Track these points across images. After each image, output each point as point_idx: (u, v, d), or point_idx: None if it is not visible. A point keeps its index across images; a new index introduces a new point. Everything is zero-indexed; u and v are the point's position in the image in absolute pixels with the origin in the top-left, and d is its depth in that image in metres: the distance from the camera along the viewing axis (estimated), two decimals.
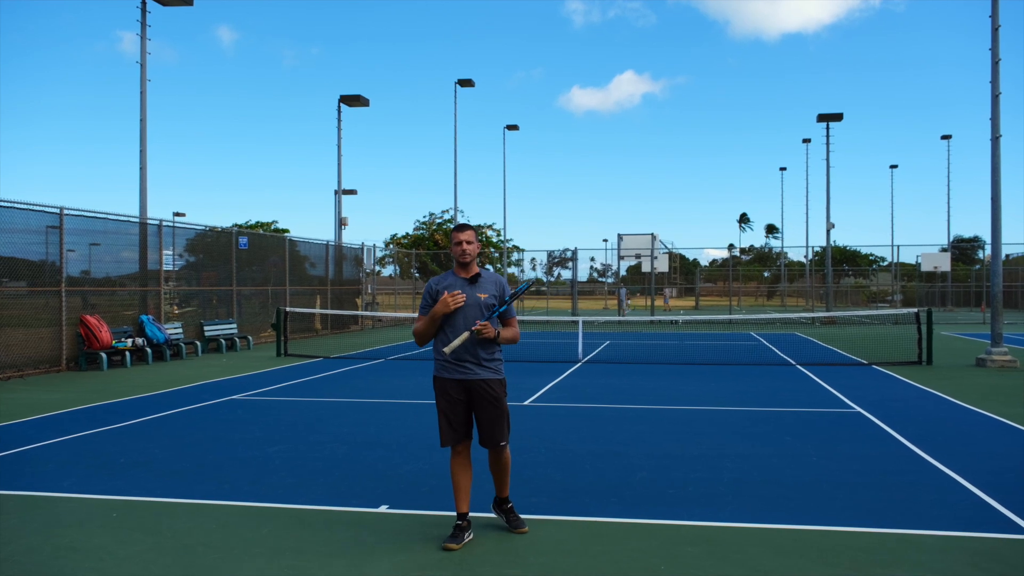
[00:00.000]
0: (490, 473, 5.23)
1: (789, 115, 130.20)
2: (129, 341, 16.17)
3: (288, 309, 20.00)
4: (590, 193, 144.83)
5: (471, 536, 5.01)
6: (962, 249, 62.71)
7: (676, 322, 31.43)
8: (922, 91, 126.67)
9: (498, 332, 4.99)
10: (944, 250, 42.97)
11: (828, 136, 34.72)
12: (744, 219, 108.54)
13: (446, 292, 4.94)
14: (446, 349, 4.89)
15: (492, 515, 5.44)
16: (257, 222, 57.62)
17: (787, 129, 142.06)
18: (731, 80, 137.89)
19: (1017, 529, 5.23)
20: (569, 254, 35.87)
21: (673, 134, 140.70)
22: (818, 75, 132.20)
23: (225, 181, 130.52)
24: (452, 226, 42.79)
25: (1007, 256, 49.46)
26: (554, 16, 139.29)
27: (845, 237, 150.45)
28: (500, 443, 5.04)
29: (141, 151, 19.44)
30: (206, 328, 19.46)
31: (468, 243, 5.03)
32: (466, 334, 4.86)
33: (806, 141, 55.86)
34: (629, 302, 38.49)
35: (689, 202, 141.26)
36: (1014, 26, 30.23)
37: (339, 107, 30.50)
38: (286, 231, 51.83)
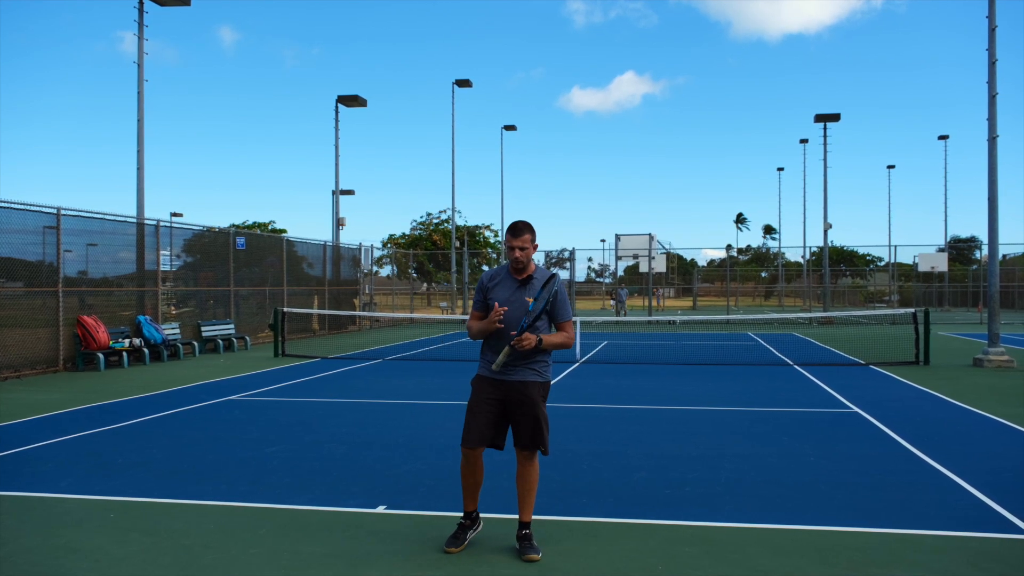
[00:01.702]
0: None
1: (788, 115, 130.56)
2: (126, 341, 16.15)
3: (286, 309, 19.98)
4: (588, 193, 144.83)
5: (478, 530, 4.96)
6: (959, 249, 62.82)
7: (674, 322, 31.45)
8: (919, 91, 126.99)
9: (540, 339, 4.66)
10: (941, 250, 43.11)
11: (825, 136, 34.79)
12: (740, 219, 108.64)
13: (495, 304, 4.72)
14: (494, 366, 4.73)
15: (491, 515, 5.44)
16: (254, 222, 57.66)
17: (785, 129, 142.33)
18: (731, 81, 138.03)
19: (1015, 529, 5.24)
20: (567, 254, 35.89)
21: (672, 134, 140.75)
22: (817, 76, 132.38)
23: (222, 181, 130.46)
24: (451, 227, 42.98)
25: (1004, 256, 49.56)
26: (555, 16, 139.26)
27: (842, 237, 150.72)
28: (540, 447, 4.76)
29: (138, 151, 19.45)
30: (203, 328, 19.44)
31: (522, 250, 4.73)
32: (507, 349, 4.66)
33: (803, 141, 55.94)
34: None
35: (687, 202, 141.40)
36: (1011, 27, 30.33)
37: (336, 107, 30.50)
38: (283, 231, 51.82)
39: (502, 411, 4.82)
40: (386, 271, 56.11)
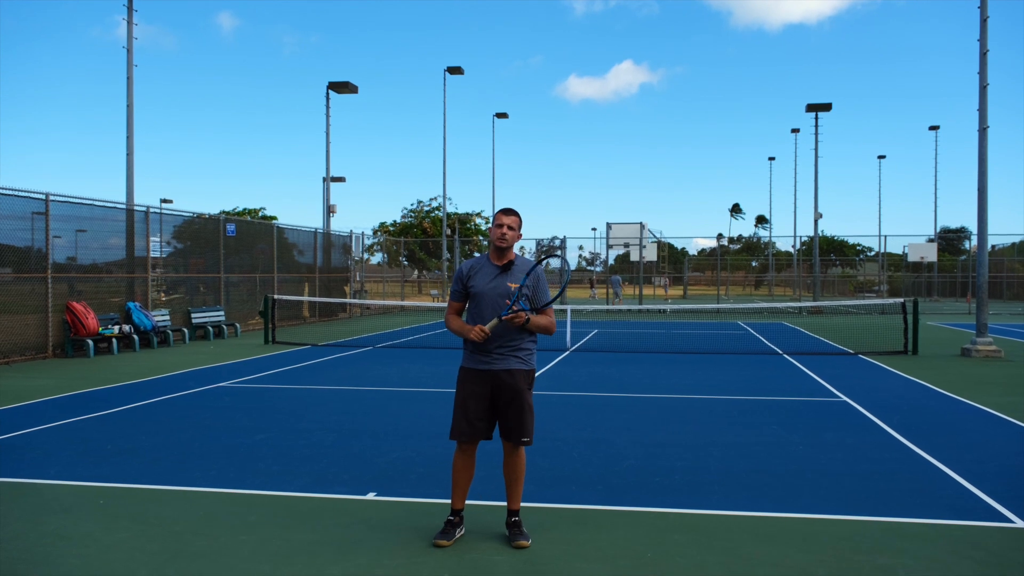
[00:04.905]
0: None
1: (781, 105, 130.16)
2: (116, 328, 16.08)
3: (276, 296, 19.93)
4: (582, 182, 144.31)
5: (463, 532, 4.89)
6: (948, 239, 63.08)
7: (664, 311, 31.52)
8: (911, 82, 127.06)
9: (528, 318, 4.70)
10: (931, 240, 43.25)
11: (817, 126, 34.82)
12: (736, 209, 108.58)
13: (477, 327, 4.68)
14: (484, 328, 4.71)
15: (481, 503, 5.46)
16: (244, 209, 57.37)
17: (778, 119, 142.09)
18: (729, 71, 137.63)
19: (999, 517, 5.29)
20: (558, 242, 35.84)
21: (668, 124, 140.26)
22: (810, 66, 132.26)
23: (213, 168, 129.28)
24: (441, 214, 42.98)
25: (993, 247, 49.67)
26: (555, 4, 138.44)
27: (833, 227, 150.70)
28: (523, 439, 4.76)
29: (128, 137, 19.30)
30: (193, 315, 19.37)
31: (510, 228, 4.78)
32: (495, 320, 4.67)
33: (795, 131, 55.93)
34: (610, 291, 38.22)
35: (680, 191, 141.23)
36: (1003, 18, 30.36)
37: (327, 94, 30.32)
38: (274, 218, 51.62)
39: (491, 403, 4.81)
40: (377, 258, 55.97)
